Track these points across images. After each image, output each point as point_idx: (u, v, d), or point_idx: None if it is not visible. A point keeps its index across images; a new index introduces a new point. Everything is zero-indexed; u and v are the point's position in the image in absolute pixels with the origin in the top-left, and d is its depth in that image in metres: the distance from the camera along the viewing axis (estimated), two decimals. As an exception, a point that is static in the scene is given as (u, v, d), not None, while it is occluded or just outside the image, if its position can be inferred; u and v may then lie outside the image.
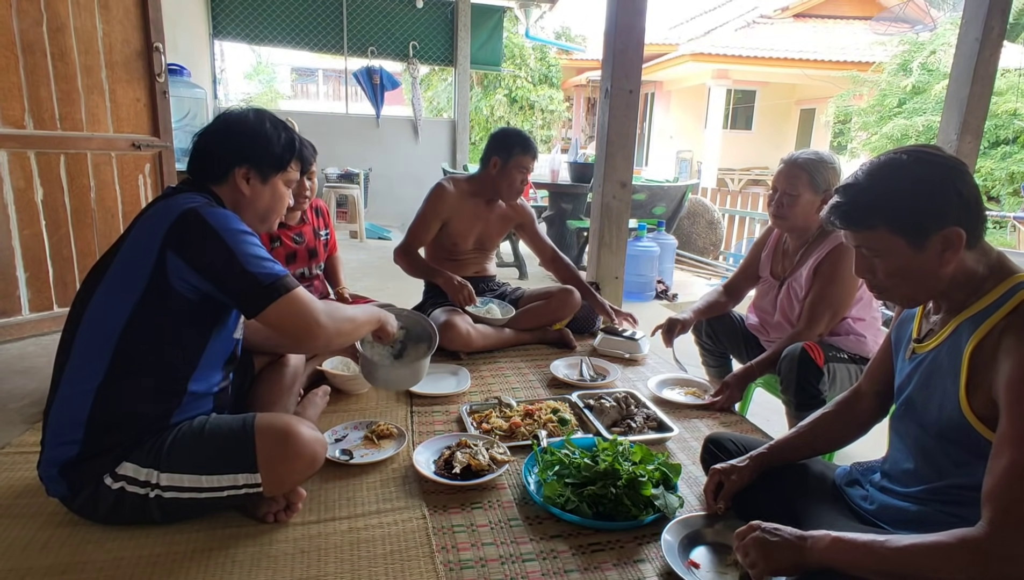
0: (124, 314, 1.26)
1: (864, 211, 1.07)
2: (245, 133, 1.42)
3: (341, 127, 7.21)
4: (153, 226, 1.29)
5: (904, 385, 1.20)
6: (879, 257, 1.08)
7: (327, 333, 1.37)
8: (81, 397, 1.27)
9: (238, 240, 1.29)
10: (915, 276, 1.06)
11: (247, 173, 1.42)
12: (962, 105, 3.19)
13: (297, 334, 1.35)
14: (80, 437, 1.27)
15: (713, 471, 1.42)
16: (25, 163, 2.50)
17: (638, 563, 1.33)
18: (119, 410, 1.29)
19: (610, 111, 2.90)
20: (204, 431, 1.34)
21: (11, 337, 2.56)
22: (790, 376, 1.88)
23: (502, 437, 1.81)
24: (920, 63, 9.53)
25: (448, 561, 1.31)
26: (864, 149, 10.52)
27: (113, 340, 1.26)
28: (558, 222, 5.65)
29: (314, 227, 2.41)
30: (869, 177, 1.07)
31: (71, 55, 2.57)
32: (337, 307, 1.46)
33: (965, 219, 1.02)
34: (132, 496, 1.29)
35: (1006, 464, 0.90)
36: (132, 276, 1.27)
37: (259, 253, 1.31)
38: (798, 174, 1.96)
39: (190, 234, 1.26)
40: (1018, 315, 0.97)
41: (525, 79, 14.47)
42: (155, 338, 1.29)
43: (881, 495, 1.22)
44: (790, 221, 2.02)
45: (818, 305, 1.93)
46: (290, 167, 1.50)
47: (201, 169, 1.43)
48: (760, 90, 14.35)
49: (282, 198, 1.52)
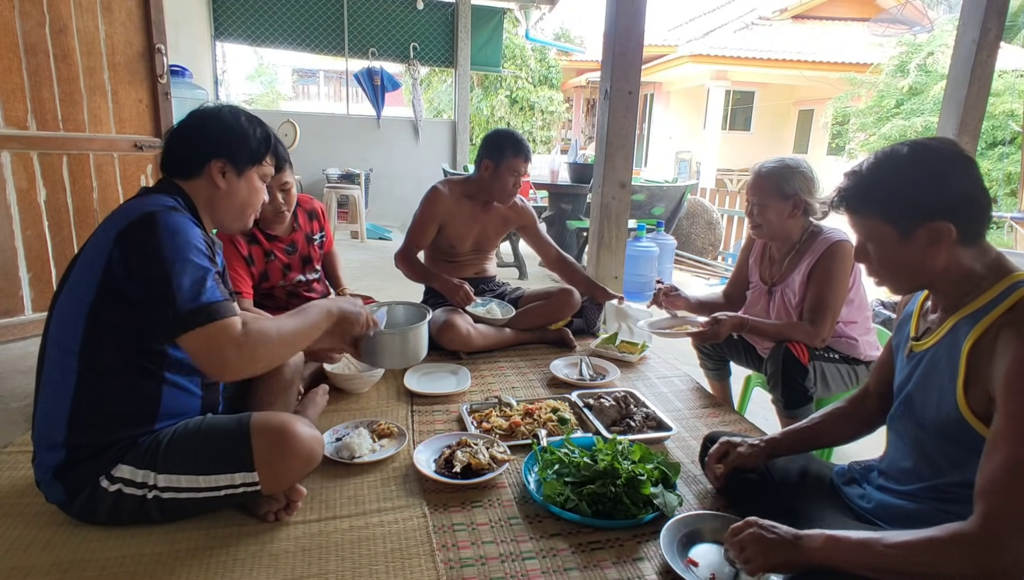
0: (82, 316, 1.25)
1: (859, 197, 1.11)
2: (220, 127, 1.42)
3: (342, 128, 7.23)
4: (111, 226, 1.27)
5: (903, 384, 1.21)
6: (872, 243, 1.13)
7: (240, 365, 1.25)
8: (59, 404, 1.27)
9: (181, 257, 1.22)
10: (902, 265, 1.10)
11: (223, 166, 1.41)
12: (959, 106, 3.20)
13: (207, 368, 1.24)
14: (62, 439, 1.27)
15: (723, 441, 1.47)
16: (28, 164, 2.51)
17: (637, 561, 1.34)
18: (97, 410, 1.28)
19: (609, 112, 2.91)
20: (200, 431, 1.35)
21: (14, 336, 2.57)
22: (776, 375, 1.90)
23: (502, 436, 1.81)
24: (918, 64, 9.56)
25: (448, 559, 1.32)
26: (862, 150, 10.54)
27: (76, 345, 1.26)
28: (558, 222, 5.66)
29: (307, 233, 2.37)
30: (870, 165, 1.11)
31: (73, 56, 2.58)
32: (264, 330, 1.29)
33: (957, 215, 1.03)
34: (130, 498, 1.30)
35: (1000, 459, 0.91)
36: (87, 276, 1.26)
37: (196, 277, 1.23)
38: (763, 184, 1.98)
39: (137, 237, 1.23)
40: (1015, 313, 0.98)
41: (525, 80, 14.49)
42: (117, 338, 1.27)
43: (879, 493, 1.23)
44: (766, 230, 2.03)
45: (818, 309, 1.93)
46: (265, 161, 1.49)
47: (176, 164, 1.42)
48: (759, 91, 14.37)
49: (257, 192, 1.50)
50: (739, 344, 2.26)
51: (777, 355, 1.92)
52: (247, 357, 1.25)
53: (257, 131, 1.46)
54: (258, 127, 1.47)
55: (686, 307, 2.36)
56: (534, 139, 15.78)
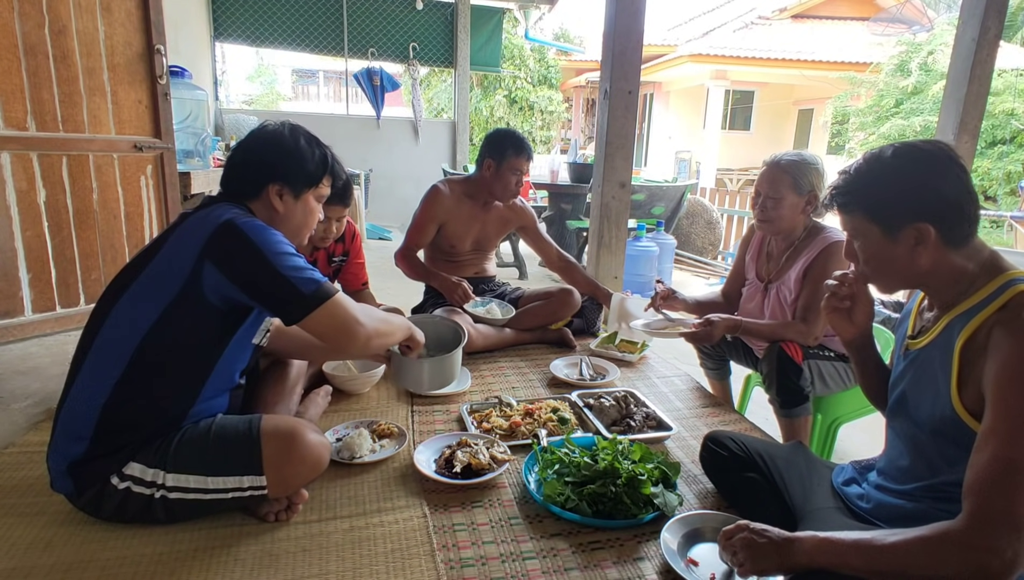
0: (152, 317, 1.28)
1: (848, 195, 1.14)
2: (280, 150, 1.43)
3: (342, 128, 7.22)
4: (192, 236, 1.30)
5: (899, 381, 1.22)
6: (859, 241, 1.15)
7: (367, 334, 1.39)
8: (96, 395, 1.28)
9: (275, 251, 1.29)
10: (887, 264, 1.12)
11: (280, 190, 1.43)
12: (959, 105, 3.21)
13: (338, 338, 1.36)
14: (90, 434, 1.28)
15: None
16: (28, 165, 2.51)
17: (637, 561, 1.34)
18: (132, 409, 1.30)
19: (609, 112, 2.91)
20: (211, 432, 1.36)
21: (14, 337, 2.57)
22: (771, 375, 1.90)
23: (502, 436, 1.82)
24: (918, 64, 9.56)
25: (449, 559, 1.32)
26: (861, 149, 10.53)
27: (136, 341, 1.28)
28: (558, 222, 5.66)
29: (329, 253, 2.34)
30: (858, 165, 1.14)
31: (73, 57, 2.58)
32: (373, 310, 1.49)
33: (941, 217, 1.04)
34: (138, 496, 1.31)
35: (988, 457, 0.91)
36: (165, 282, 1.29)
37: (296, 262, 1.32)
38: (781, 177, 1.95)
39: (228, 246, 1.28)
40: (1008, 311, 0.99)
41: (525, 80, 14.49)
42: (177, 343, 1.31)
43: (877, 493, 1.23)
44: (775, 224, 2.01)
45: (812, 308, 1.93)
46: (322, 183, 1.51)
47: (235, 185, 1.45)
48: (758, 91, 14.37)
49: (313, 213, 1.53)
50: (738, 344, 2.26)
51: (771, 355, 1.91)
52: (373, 329, 1.40)
53: (316, 153, 1.48)
54: (316, 149, 1.49)
55: (684, 309, 2.36)
56: (534, 139, 15.78)
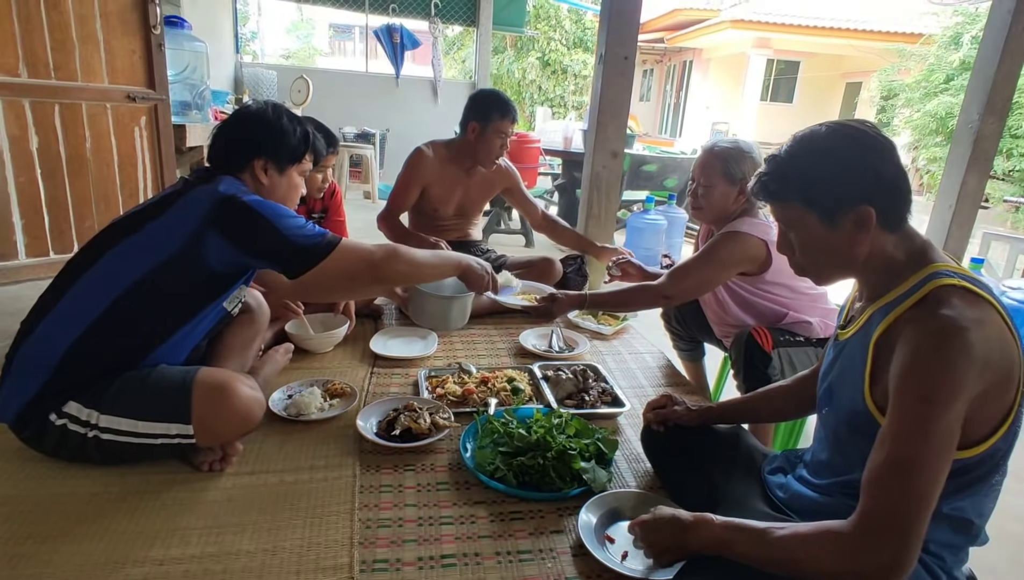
0: (138, 272, 1.35)
1: (779, 183, 1.06)
2: (263, 127, 1.54)
3: (361, 86, 7.18)
4: (195, 206, 1.39)
5: (827, 372, 1.17)
6: (793, 231, 1.08)
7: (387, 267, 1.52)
8: (62, 337, 1.32)
9: (281, 220, 1.41)
10: (826, 253, 1.05)
11: (265, 164, 1.54)
12: (987, 83, 2.99)
13: (359, 275, 1.50)
14: (47, 373, 1.32)
15: (664, 395, 1.53)
16: (20, 111, 2.56)
17: (554, 534, 1.33)
18: (93, 355, 1.34)
19: (603, 77, 2.80)
20: (148, 379, 1.39)
21: (8, 280, 2.67)
22: (738, 362, 1.85)
23: (454, 403, 1.82)
24: (972, 36, 8.92)
25: (368, 519, 1.34)
26: (906, 127, 10.00)
27: (117, 292, 1.33)
28: (570, 190, 5.57)
29: (308, 208, 2.36)
30: (788, 149, 1.06)
31: (65, 4, 2.59)
32: (395, 251, 1.56)
33: (879, 199, 0.98)
34: (73, 434, 1.35)
35: (882, 458, 0.88)
36: (163, 244, 1.36)
37: (299, 223, 1.44)
38: (713, 164, 1.89)
39: (239, 220, 1.38)
40: (921, 308, 0.93)
41: (560, 42, 14.13)
42: (158, 299, 1.38)
43: (797, 485, 1.20)
44: (707, 212, 1.95)
45: (679, 272, 1.91)
46: (304, 159, 1.63)
47: (222, 159, 1.54)
48: (804, 61, 13.73)
49: (296, 188, 1.64)
50: (705, 325, 2.20)
51: (740, 342, 1.86)
52: (382, 275, 1.52)
53: (297, 130, 1.58)
54: (298, 126, 1.59)
55: (639, 277, 2.30)
56: (565, 104, 15.41)
